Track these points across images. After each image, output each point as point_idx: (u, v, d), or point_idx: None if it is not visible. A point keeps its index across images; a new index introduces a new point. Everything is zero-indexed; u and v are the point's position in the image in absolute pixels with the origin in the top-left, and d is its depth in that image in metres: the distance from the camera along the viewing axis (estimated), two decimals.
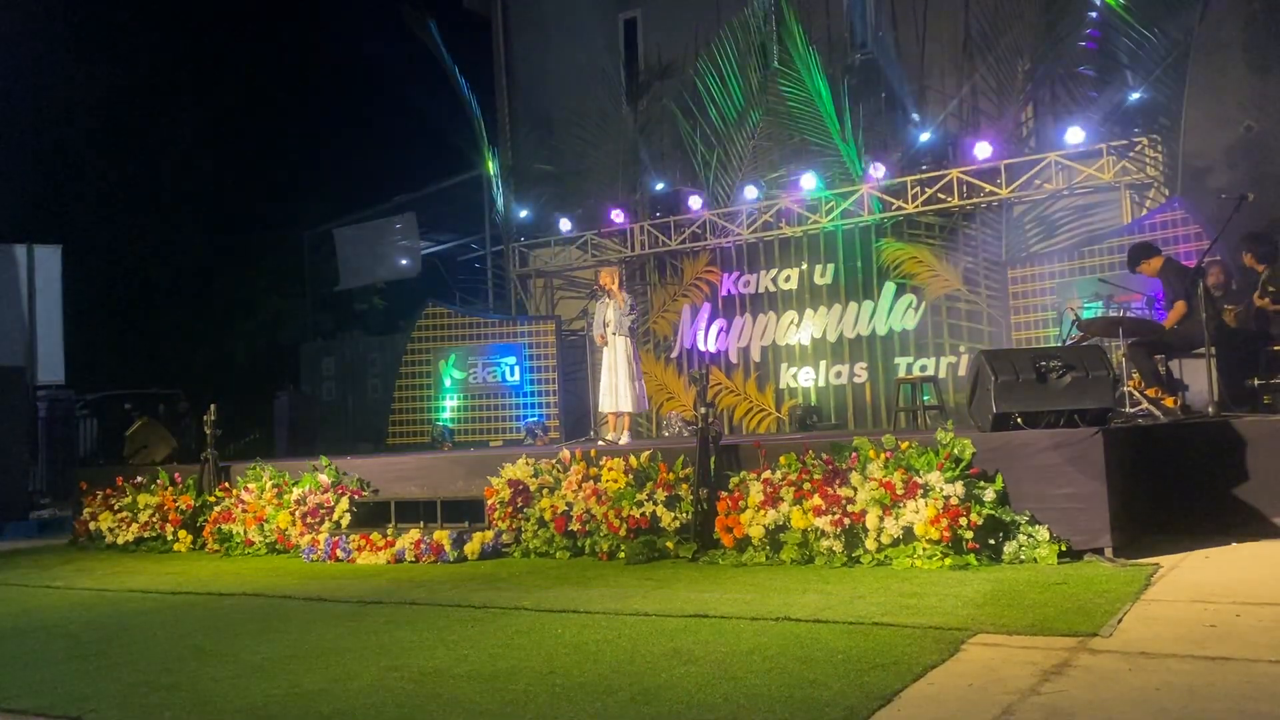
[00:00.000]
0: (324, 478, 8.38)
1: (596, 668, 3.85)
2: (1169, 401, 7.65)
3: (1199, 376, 7.66)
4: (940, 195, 12.49)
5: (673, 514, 6.74)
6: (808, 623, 4.42)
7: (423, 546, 7.35)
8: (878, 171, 12.77)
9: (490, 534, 7.37)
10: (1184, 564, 5.47)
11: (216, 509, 8.79)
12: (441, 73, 16.03)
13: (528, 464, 7.58)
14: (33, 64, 19.25)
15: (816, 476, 6.26)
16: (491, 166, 16.11)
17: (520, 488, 7.46)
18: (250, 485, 8.70)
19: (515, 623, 4.85)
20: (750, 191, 13.73)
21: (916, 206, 12.64)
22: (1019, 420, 6.21)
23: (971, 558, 5.68)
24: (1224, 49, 11.34)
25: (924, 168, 12.84)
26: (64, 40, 20.12)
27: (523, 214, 16.22)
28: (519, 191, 16.34)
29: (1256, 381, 7.99)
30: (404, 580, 6.52)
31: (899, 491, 5.91)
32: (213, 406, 9.13)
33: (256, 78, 24.06)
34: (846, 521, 6.03)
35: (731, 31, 13.90)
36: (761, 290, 13.82)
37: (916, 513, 5.81)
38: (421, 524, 7.81)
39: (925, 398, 12.05)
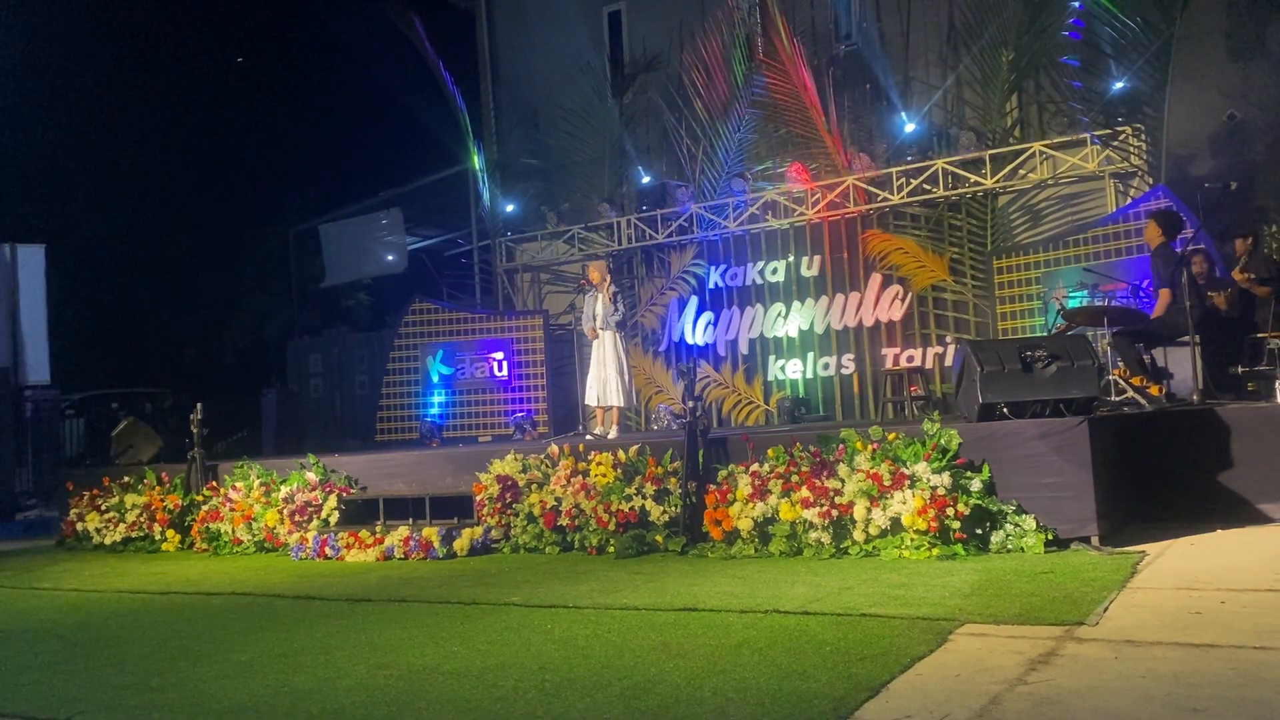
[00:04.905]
0: (312, 475, 8.36)
1: (586, 663, 3.86)
2: (1154, 390, 7.69)
3: (1184, 365, 7.70)
4: (925, 186, 12.51)
5: (662, 508, 6.75)
6: (796, 615, 4.44)
7: (411, 543, 7.34)
8: (863, 163, 12.78)
9: (479, 530, 7.37)
10: (1170, 551, 5.51)
11: (204, 508, 8.77)
12: (426, 67, 15.96)
13: (516, 459, 7.57)
14: (15, 62, 19.11)
15: (804, 469, 6.28)
16: (477, 161, 16.05)
17: (509, 483, 7.46)
18: (238, 484, 8.68)
19: (505, 619, 4.85)
20: (737, 184, 13.72)
21: (902, 197, 12.66)
22: (1005, 410, 6.24)
23: (959, 547, 5.71)
24: (1206, 37, 11.41)
25: (909, 159, 12.86)
26: (46, 38, 19.97)
27: (509, 209, 16.18)
28: (505, 186, 16.29)
29: (1240, 369, 8.05)
30: (393, 578, 6.52)
31: (886, 483, 5.93)
32: (199, 405, 9.10)
33: (241, 74, 23.96)
34: (834, 513, 6.05)
35: (716, 23, 13.88)
36: (749, 283, 13.83)
37: (904, 503, 5.83)
38: (410, 521, 7.81)
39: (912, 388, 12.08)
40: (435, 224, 18.95)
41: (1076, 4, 11.81)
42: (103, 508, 9.33)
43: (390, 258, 17.87)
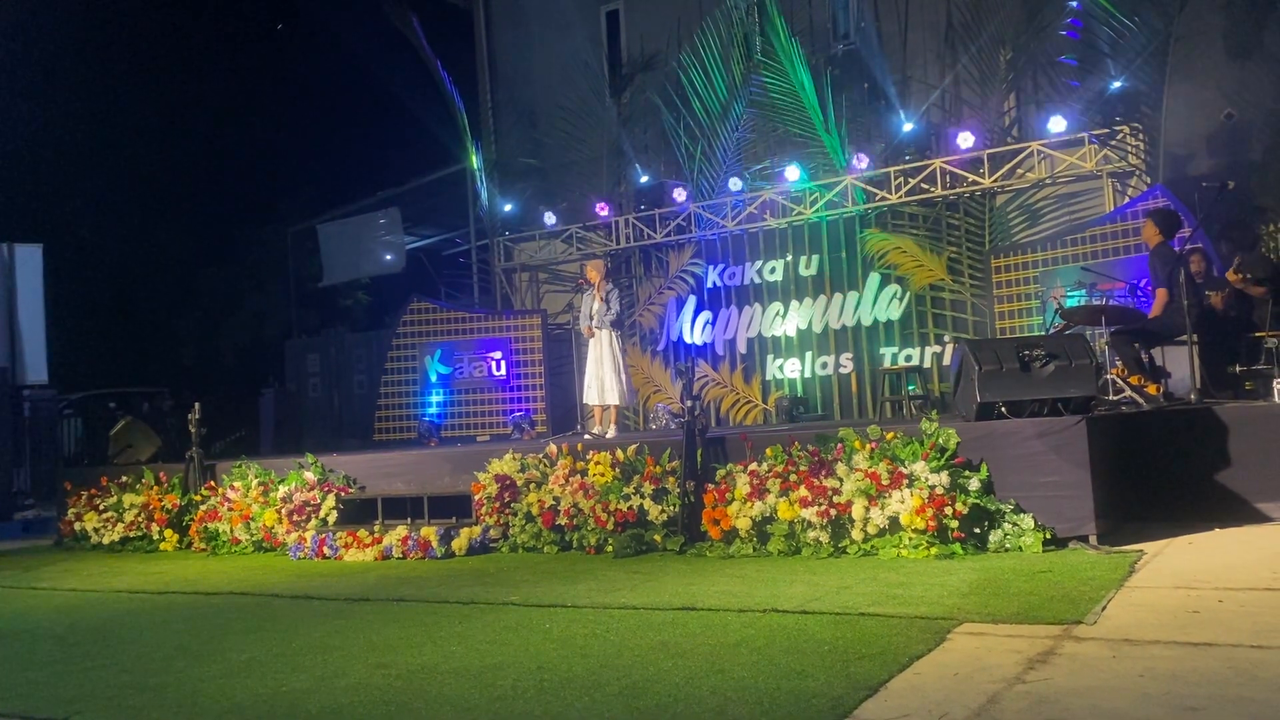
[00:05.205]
0: (310, 475, 8.36)
1: (584, 662, 3.86)
2: (1152, 389, 7.69)
3: (1181, 364, 7.71)
4: (923, 185, 12.51)
5: (660, 507, 6.74)
6: (795, 614, 4.44)
7: (410, 543, 7.34)
8: (861, 162, 12.77)
9: (478, 529, 7.37)
10: (1167, 550, 5.51)
11: (202, 508, 8.77)
12: (424, 67, 15.95)
13: (515, 459, 7.57)
14: (12, 62, 19.09)
15: (802, 468, 6.28)
16: (475, 160, 16.05)
17: (507, 483, 7.46)
18: (236, 484, 8.67)
19: (503, 618, 4.85)
20: (734, 184, 13.72)
21: (900, 197, 12.66)
22: (1003, 409, 6.24)
23: (957, 547, 5.71)
24: (1204, 37, 11.40)
25: (907, 158, 12.86)
26: (43, 37, 19.94)
27: (507, 208, 16.18)
28: (503, 185, 16.29)
29: (1238, 368, 8.06)
30: (391, 577, 6.51)
31: (884, 482, 5.93)
32: (197, 405, 9.09)
33: (238, 73, 23.92)
34: (833, 512, 6.05)
35: (714, 23, 13.86)
36: (747, 282, 13.83)
37: (902, 503, 5.84)
38: (409, 520, 7.81)
39: (910, 387, 12.09)
40: (433, 223, 18.94)
41: (1074, 3, 11.82)
42: (101, 507, 9.32)
43: (388, 257, 17.87)
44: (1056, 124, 11.68)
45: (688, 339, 14.20)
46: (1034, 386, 6.22)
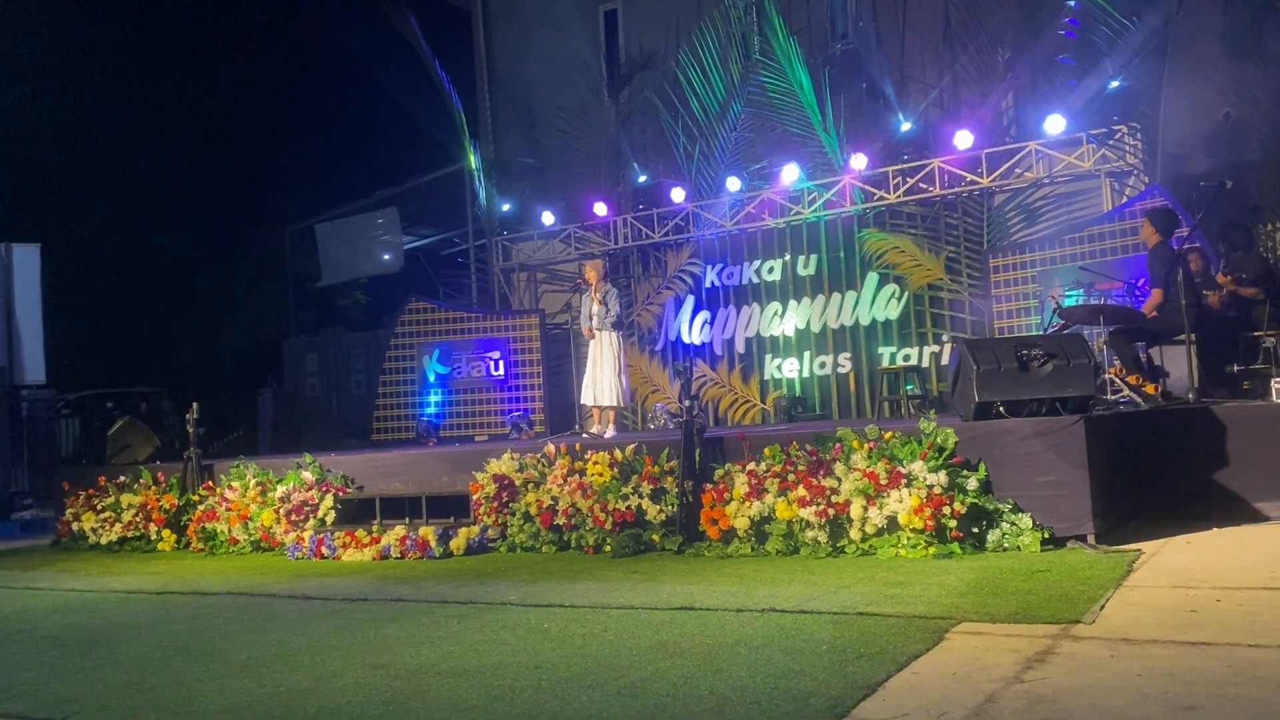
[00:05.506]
0: (308, 475, 8.35)
1: (583, 662, 3.85)
2: (1150, 388, 7.70)
3: (1179, 363, 7.71)
4: (922, 185, 12.51)
5: (658, 507, 6.74)
6: (793, 613, 4.44)
7: (408, 543, 7.34)
8: (859, 162, 12.77)
9: (476, 529, 7.37)
10: (1166, 549, 5.51)
11: (200, 508, 8.76)
12: (422, 66, 15.95)
13: (513, 458, 7.57)
14: (10, 61, 19.07)
15: (801, 468, 6.28)
16: (473, 160, 16.05)
17: (505, 482, 7.45)
18: (234, 483, 8.67)
19: (501, 618, 4.85)
20: (733, 183, 13.72)
21: (898, 196, 12.66)
22: (1001, 409, 6.24)
23: (955, 546, 5.71)
24: (1202, 36, 11.39)
25: (905, 157, 12.86)
26: (41, 36, 19.92)
27: (505, 208, 16.18)
28: (501, 185, 16.29)
29: (1236, 367, 8.06)
30: (389, 577, 6.51)
31: (883, 481, 5.93)
32: (195, 405, 9.09)
33: (236, 73, 23.91)
34: (831, 512, 6.05)
35: (712, 22, 13.87)
36: (745, 282, 13.82)
37: (900, 502, 5.83)
38: (407, 520, 7.80)
39: (909, 387, 12.09)
40: (431, 223, 18.94)
41: (1072, 3, 11.82)
42: (99, 507, 9.31)
43: (386, 257, 17.87)
44: (1054, 123, 11.69)
45: (686, 339, 14.20)
46: (1032, 386, 6.22)
